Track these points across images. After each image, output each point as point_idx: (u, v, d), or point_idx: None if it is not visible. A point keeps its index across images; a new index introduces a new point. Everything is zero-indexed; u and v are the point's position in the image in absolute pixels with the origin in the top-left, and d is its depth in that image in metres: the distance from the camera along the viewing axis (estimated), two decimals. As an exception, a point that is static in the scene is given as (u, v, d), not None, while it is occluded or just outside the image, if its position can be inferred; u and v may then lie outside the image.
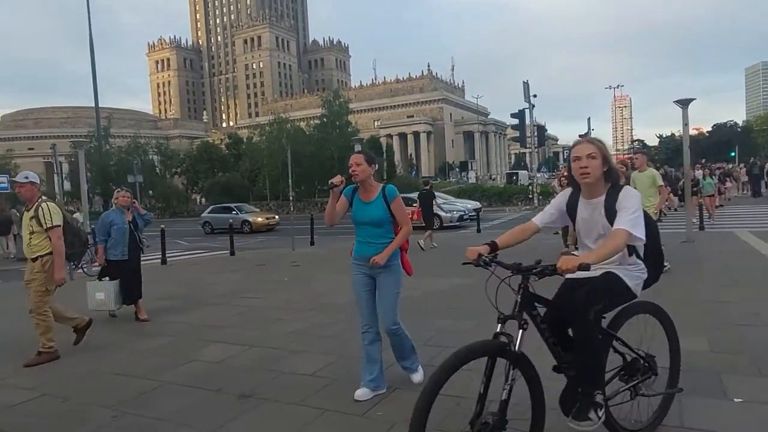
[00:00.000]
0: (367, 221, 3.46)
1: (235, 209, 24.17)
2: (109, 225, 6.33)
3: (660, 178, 7.11)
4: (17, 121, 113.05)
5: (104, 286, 6.26)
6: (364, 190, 3.49)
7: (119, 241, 6.32)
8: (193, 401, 3.69)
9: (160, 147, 57.50)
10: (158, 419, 3.38)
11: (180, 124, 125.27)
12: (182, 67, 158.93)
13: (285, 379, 4.02)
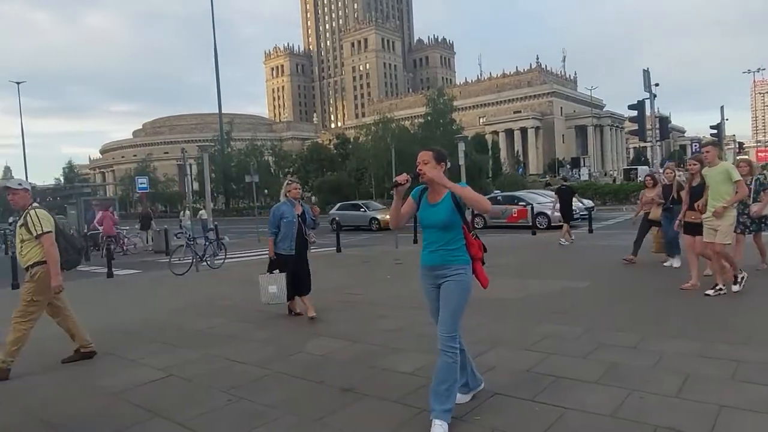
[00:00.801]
0: (432, 224, 3.11)
1: (363, 206, 24.19)
2: (279, 217, 6.10)
3: (736, 171, 6.04)
4: (155, 128, 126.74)
5: (276, 279, 6.09)
6: (433, 191, 3.15)
7: (288, 234, 6.10)
8: (299, 391, 3.88)
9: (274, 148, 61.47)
10: (267, 406, 3.59)
11: (292, 127, 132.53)
12: (294, 72, 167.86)
13: (385, 376, 4.08)
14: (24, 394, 3.96)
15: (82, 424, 3.47)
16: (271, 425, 3.30)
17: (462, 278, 3.06)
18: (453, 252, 3.08)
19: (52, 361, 4.96)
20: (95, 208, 20.30)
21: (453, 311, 3.06)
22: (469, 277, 3.11)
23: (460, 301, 3.06)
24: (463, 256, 3.10)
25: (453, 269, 3.06)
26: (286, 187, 6.33)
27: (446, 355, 3.03)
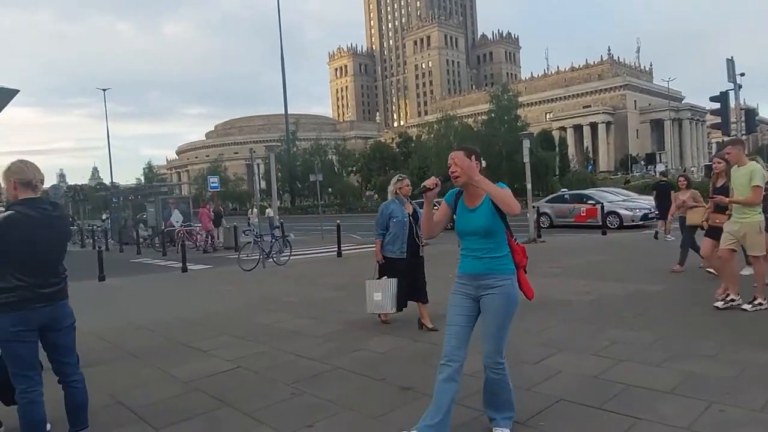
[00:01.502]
0: (472, 231, 2.81)
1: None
2: (388, 217, 5.61)
3: (759, 174, 5.21)
4: (226, 129, 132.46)
5: (383, 285, 5.54)
6: (469, 194, 2.85)
7: (398, 236, 5.56)
8: (359, 387, 3.93)
9: (337, 148, 62.60)
10: (329, 401, 3.67)
11: (355, 126, 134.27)
12: (358, 72, 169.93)
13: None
14: (106, 381, 4.25)
15: (159, 409, 3.69)
16: (332, 420, 3.36)
17: (509, 290, 2.78)
18: (499, 260, 2.79)
19: (127, 351, 5.31)
20: (171, 206, 21.52)
21: (500, 325, 2.79)
22: (515, 286, 2.83)
23: (508, 313, 2.80)
24: (509, 265, 2.83)
25: (499, 279, 2.77)
26: (396, 184, 5.73)
27: (493, 372, 2.82)
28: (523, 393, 3.40)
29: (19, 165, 2.83)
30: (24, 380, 2.73)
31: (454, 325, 2.86)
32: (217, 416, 3.53)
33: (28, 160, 2.87)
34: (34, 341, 2.77)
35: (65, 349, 2.94)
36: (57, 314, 2.86)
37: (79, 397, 2.97)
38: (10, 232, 2.65)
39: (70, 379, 2.95)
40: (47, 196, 3.06)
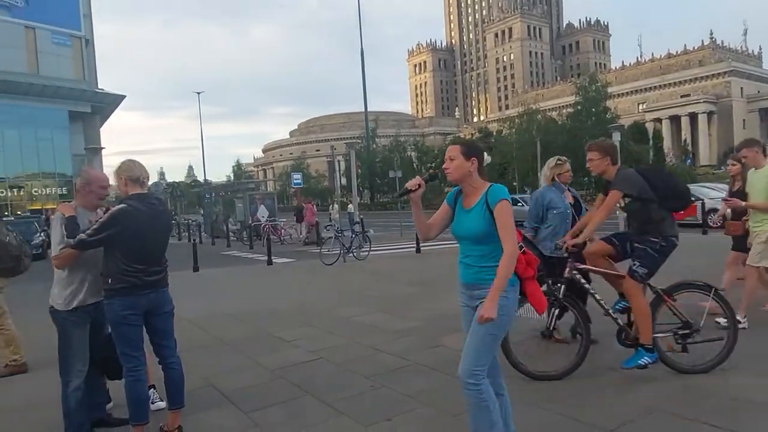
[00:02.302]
0: (463, 235, 2.55)
1: (521, 201, 22.66)
2: (544, 207, 4.63)
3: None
4: (308, 127, 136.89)
5: None
6: (466, 193, 2.59)
7: (558, 230, 4.52)
8: (437, 384, 3.92)
9: (416, 144, 62.63)
10: (407, 395, 3.69)
11: (434, 122, 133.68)
12: (437, 67, 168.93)
13: (528, 378, 3.93)
14: (200, 365, 4.56)
15: (247, 394, 3.91)
16: (409, 415, 3.38)
17: (501, 302, 2.37)
18: (491, 269, 2.44)
19: (218, 338, 5.65)
20: (258, 202, 22.60)
21: (480, 342, 2.44)
22: (510, 300, 2.46)
23: (493, 329, 2.42)
24: None
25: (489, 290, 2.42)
26: (554, 169, 4.77)
27: (467, 392, 2.44)
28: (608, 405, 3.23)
29: (129, 164, 3.12)
30: (131, 360, 3.01)
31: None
32: (300, 404, 3.67)
33: (136, 160, 3.15)
34: (140, 325, 3.04)
35: (165, 333, 3.20)
36: (160, 300, 3.13)
37: (176, 377, 3.22)
38: (123, 223, 2.92)
39: (168, 361, 3.21)
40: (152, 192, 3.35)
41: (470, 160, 2.54)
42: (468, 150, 2.56)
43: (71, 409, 3.17)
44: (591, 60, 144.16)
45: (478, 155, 2.56)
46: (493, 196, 2.47)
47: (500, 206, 2.45)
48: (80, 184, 3.25)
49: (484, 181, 2.57)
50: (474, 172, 2.54)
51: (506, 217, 2.44)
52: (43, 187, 42.15)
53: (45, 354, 4.33)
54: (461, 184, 2.59)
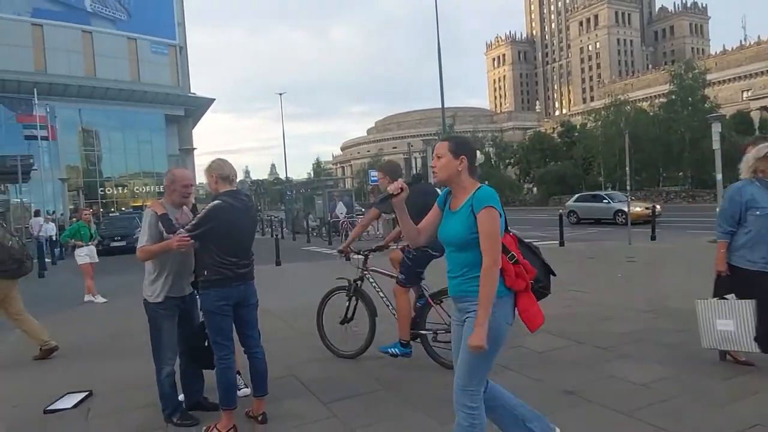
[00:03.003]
0: (447, 240, 2.33)
1: (606, 198, 21.99)
2: (743, 207, 3.73)
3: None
4: (386, 125, 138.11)
5: (734, 310, 3.71)
6: (454, 196, 2.37)
7: (763, 237, 3.65)
8: (516, 386, 3.81)
9: (494, 139, 61.30)
10: (484, 395, 3.64)
11: (513, 116, 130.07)
12: (516, 60, 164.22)
13: (611, 383, 3.75)
14: (282, 355, 4.75)
15: (326, 385, 4.02)
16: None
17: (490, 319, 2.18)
18: (475, 280, 2.21)
19: (299, 330, 5.85)
20: (336, 199, 23.18)
21: (470, 362, 2.24)
22: (499, 315, 2.23)
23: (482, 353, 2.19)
24: None
25: (475, 303, 2.21)
26: (762, 161, 3.75)
27: (459, 414, 2.28)
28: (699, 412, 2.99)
29: (219, 162, 3.32)
30: (222, 348, 3.20)
31: (456, 350, 2.42)
32: (377, 397, 3.73)
33: (226, 159, 3.34)
34: (231, 315, 3.23)
35: (250, 324, 3.38)
36: (248, 292, 3.32)
37: (260, 366, 3.38)
38: (219, 218, 3.11)
39: (253, 350, 3.38)
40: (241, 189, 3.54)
41: (459, 159, 2.31)
42: (457, 147, 2.34)
43: (166, 393, 3.44)
44: (687, 45, 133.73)
45: (467, 153, 2.33)
46: (479, 201, 2.23)
47: (484, 213, 2.20)
48: (166, 183, 3.49)
49: (474, 182, 2.34)
50: (463, 172, 2.32)
51: (489, 226, 2.19)
52: (143, 185, 45.82)
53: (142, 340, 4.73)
54: (449, 185, 2.38)
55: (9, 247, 5.24)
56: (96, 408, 3.90)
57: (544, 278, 2.47)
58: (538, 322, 2.34)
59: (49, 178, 30.54)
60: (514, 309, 2.34)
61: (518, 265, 2.29)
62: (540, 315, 2.35)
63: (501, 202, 2.38)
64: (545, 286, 2.44)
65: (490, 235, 2.19)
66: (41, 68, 38.59)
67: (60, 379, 4.59)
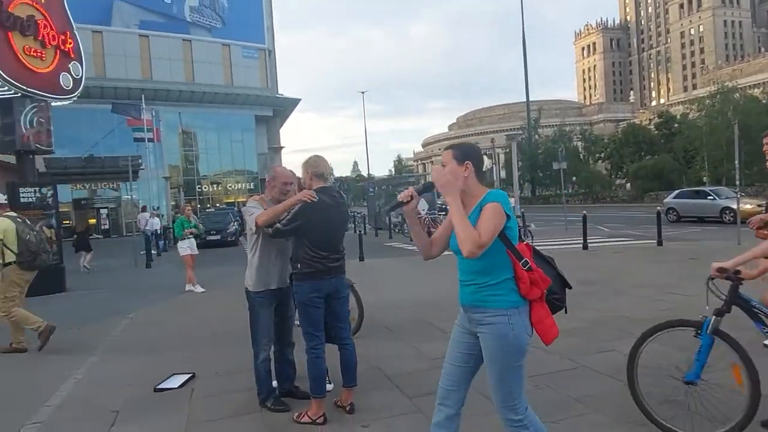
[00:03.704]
0: (457, 248, 2.21)
1: (710, 194, 20.27)
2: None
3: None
4: (467, 120, 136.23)
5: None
6: (463, 204, 2.24)
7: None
8: (608, 390, 3.66)
9: (583, 133, 58.44)
10: (574, 399, 3.51)
11: (604, 108, 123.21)
12: (608, 48, 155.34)
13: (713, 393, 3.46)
14: (366, 349, 4.85)
15: (410, 380, 4.08)
16: (577, 420, 3.22)
17: (502, 329, 2.15)
18: (491, 289, 2.17)
19: (383, 325, 5.95)
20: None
21: (500, 375, 2.20)
22: (518, 326, 2.16)
23: (507, 360, 2.18)
24: (505, 296, 2.17)
25: (489, 314, 2.17)
26: None
27: (510, 425, 2.25)
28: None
29: (315, 159, 3.46)
30: (313, 338, 3.35)
31: (448, 363, 2.37)
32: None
33: (321, 156, 3.47)
34: (322, 307, 3.37)
35: (341, 316, 3.50)
36: (339, 285, 3.45)
37: (350, 358, 3.49)
38: (311, 213, 3.25)
39: (344, 342, 3.49)
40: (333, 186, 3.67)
41: (464, 165, 2.25)
42: (462, 154, 2.27)
43: (261, 378, 3.64)
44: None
45: (473, 159, 2.27)
46: (487, 199, 2.18)
47: (488, 206, 2.14)
48: (267, 180, 3.70)
49: (483, 188, 2.27)
50: (469, 178, 2.25)
51: (487, 214, 2.12)
52: (235, 183, 48.63)
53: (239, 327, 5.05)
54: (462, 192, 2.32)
55: (27, 241, 5.64)
56: (198, 389, 4.22)
57: (559, 290, 2.36)
58: (553, 334, 2.22)
59: (154, 177, 33.28)
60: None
61: (533, 272, 2.18)
62: (554, 327, 2.23)
63: (590, 198, 2.26)
64: (560, 299, 2.32)
65: (485, 219, 2.11)
66: (147, 76, 42.05)
67: (166, 362, 5.01)
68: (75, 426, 3.71)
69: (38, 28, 11.37)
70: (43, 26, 11.54)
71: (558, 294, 2.31)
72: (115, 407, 3.92)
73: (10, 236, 5.60)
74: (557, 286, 2.34)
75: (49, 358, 5.60)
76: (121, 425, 3.63)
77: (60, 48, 12.02)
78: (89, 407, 4.02)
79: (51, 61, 11.79)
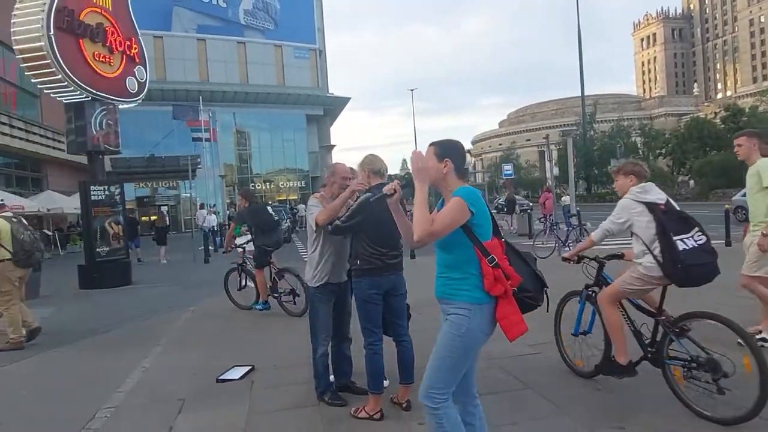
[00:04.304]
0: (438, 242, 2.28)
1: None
2: None
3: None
4: (519, 117, 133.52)
5: None
6: (445, 199, 2.34)
7: None
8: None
9: (642, 128, 56.03)
10: (639, 404, 3.37)
11: (665, 102, 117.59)
12: (669, 39, 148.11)
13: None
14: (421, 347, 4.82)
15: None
16: (648, 425, 3.10)
17: (459, 320, 2.21)
18: (455, 283, 2.24)
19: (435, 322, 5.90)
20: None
21: (438, 361, 2.25)
22: (474, 321, 2.20)
23: (452, 348, 2.23)
24: (469, 292, 2.21)
25: (454, 306, 2.24)
26: None
27: (427, 414, 2.27)
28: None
29: (371, 158, 3.49)
30: (371, 334, 3.37)
31: None
32: (521, 396, 3.64)
33: (376, 154, 3.50)
34: (380, 303, 3.39)
35: (399, 312, 3.51)
36: (398, 282, 3.46)
37: (408, 354, 3.50)
38: (369, 209, 3.27)
39: (401, 339, 3.50)
40: None
41: (444, 162, 2.30)
42: (441, 150, 2.33)
43: (319, 372, 3.70)
44: None
45: (452, 156, 2.32)
46: (452, 194, 2.23)
47: (451, 200, 2.21)
48: (327, 176, 3.75)
49: (459, 184, 2.30)
50: (448, 175, 2.30)
51: (447, 207, 2.20)
52: (287, 181, 49.72)
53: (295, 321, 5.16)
54: (438, 188, 2.39)
55: (21, 240, 5.95)
56: (258, 381, 4.34)
57: (533, 288, 2.38)
58: (517, 331, 2.22)
59: (211, 176, 34.51)
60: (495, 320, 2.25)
61: (498, 269, 2.19)
62: (521, 324, 2.23)
63: None
64: (534, 297, 2.34)
65: (442, 213, 2.19)
66: (204, 78, 43.65)
67: (226, 354, 5.18)
68: (145, 412, 3.89)
69: (106, 34, 12.00)
70: (111, 33, 12.16)
71: (531, 292, 2.31)
72: (181, 396, 4.10)
73: (5, 236, 5.90)
74: (531, 285, 2.36)
75: (118, 346, 5.92)
76: (188, 413, 3.78)
77: (126, 53, 12.64)
78: (157, 394, 4.22)
79: (118, 65, 12.42)
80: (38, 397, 4.44)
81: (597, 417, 3.24)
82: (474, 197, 2.22)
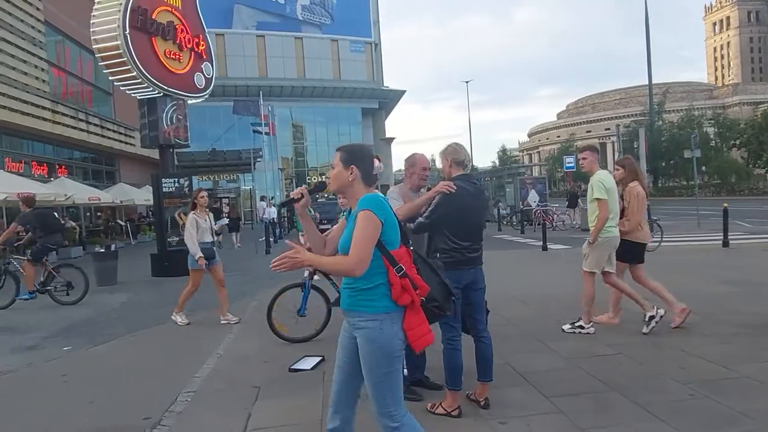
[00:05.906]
0: (339, 251, 2.17)
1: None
2: None
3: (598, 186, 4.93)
4: (578, 108, 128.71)
5: None
6: (352, 207, 2.21)
7: None
8: None
9: (715, 117, 52.70)
10: (740, 412, 3.13)
11: (740, 90, 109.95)
12: (744, 22, 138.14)
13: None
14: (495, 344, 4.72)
15: (545, 379, 3.88)
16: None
17: (371, 334, 2.10)
18: (364, 294, 2.12)
19: (506, 319, 5.75)
20: (528, 186, 22.39)
21: (375, 382, 2.13)
22: (387, 331, 2.10)
23: (379, 366, 2.11)
24: (377, 301, 2.10)
25: (363, 318, 2.12)
26: None
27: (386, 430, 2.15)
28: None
29: (454, 147, 3.39)
30: (451, 330, 3.29)
31: (336, 367, 2.30)
32: (607, 399, 3.46)
33: (460, 143, 3.39)
34: (460, 298, 3.29)
35: (478, 307, 3.41)
36: (477, 276, 3.36)
37: (487, 351, 3.39)
38: (453, 201, 3.20)
39: (480, 335, 3.40)
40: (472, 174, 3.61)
41: (349, 169, 2.19)
42: (347, 157, 2.21)
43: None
44: None
45: (359, 163, 2.20)
46: (359, 206, 2.10)
47: (359, 215, 2.08)
48: (406, 167, 3.66)
49: (364, 191, 2.19)
50: (355, 182, 2.20)
51: (359, 229, 2.05)
52: (342, 174, 50.12)
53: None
54: (344, 195, 2.31)
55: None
56: (329, 372, 4.35)
57: (441, 298, 2.29)
58: (423, 342, 2.16)
59: (270, 168, 35.35)
60: None
61: (405, 278, 2.10)
62: (428, 335, 2.17)
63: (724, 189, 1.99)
64: (441, 307, 2.26)
65: (357, 237, 2.06)
66: (263, 74, 44.66)
67: (295, 343, 5.25)
68: (223, 397, 4.00)
69: (176, 32, 12.45)
70: (180, 30, 12.61)
71: (438, 302, 2.24)
72: (255, 383, 4.18)
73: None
74: (438, 294, 2.28)
75: (192, 334, 6.14)
76: (264, 400, 3.85)
77: (194, 50, 13.09)
78: (232, 381, 4.32)
79: (187, 62, 12.88)
80: (121, 379, 4.66)
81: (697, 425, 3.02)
82: (380, 205, 2.12)
